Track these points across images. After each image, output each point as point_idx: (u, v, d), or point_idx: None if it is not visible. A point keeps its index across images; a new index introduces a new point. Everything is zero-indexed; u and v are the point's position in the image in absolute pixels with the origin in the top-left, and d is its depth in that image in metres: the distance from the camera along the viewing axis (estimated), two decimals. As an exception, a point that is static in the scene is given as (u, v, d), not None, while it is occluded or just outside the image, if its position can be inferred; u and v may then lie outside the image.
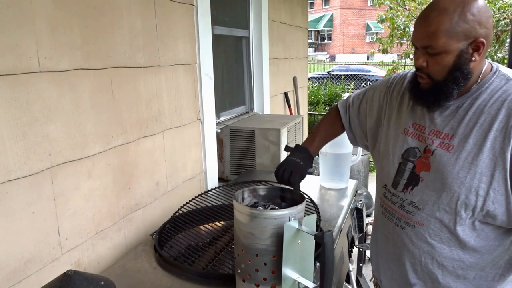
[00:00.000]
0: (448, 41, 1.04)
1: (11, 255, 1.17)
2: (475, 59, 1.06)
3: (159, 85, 1.78)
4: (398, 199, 1.23)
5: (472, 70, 1.08)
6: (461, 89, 1.09)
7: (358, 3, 32.74)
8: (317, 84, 7.91)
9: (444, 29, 1.03)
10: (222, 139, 2.49)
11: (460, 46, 1.04)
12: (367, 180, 4.50)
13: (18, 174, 1.17)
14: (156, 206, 1.81)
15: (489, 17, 1.04)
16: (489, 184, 1.05)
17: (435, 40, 1.05)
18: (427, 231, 1.17)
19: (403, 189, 1.22)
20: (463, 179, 1.08)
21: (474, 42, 1.04)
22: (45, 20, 1.23)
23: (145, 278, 1.27)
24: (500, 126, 1.04)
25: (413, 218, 1.20)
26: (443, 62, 1.07)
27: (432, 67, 1.10)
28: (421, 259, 1.21)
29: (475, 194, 1.07)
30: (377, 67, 16.49)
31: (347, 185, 2.08)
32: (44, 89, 1.24)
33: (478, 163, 1.06)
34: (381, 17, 7.31)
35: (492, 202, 1.06)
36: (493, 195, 1.05)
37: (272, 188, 1.16)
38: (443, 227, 1.14)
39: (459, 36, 1.03)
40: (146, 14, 1.68)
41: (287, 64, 3.67)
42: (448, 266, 1.18)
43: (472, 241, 1.13)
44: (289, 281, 0.99)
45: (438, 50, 1.06)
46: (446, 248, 1.16)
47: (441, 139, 1.13)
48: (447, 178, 1.10)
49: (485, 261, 1.15)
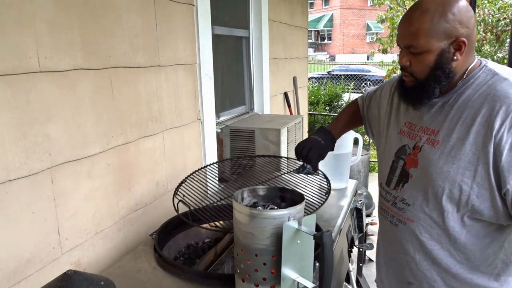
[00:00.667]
0: (429, 41, 1.06)
1: (11, 255, 1.17)
2: (457, 58, 1.07)
3: (159, 85, 1.78)
4: (391, 197, 1.26)
5: (455, 68, 1.09)
6: (444, 88, 1.11)
7: (358, 3, 32.73)
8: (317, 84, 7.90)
9: (425, 29, 1.05)
10: (222, 139, 2.49)
11: (441, 46, 1.06)
12: (367, 180, 4.50)
13: (18, 174, 1.17)
14: (156, 206, 1.81)
15: (470, 17, 1.06)
16: (473, 178, 1.05)
17: (417, 39, 1.07)
18: (418, 227, 1.18)
19: (395, 186, 1.25)
20: (446, 174, 1.09)
21: (455, 42, 1.05)
22: (45, 20, 1.23)
23: (145, 278, 1.27)
24: (483, 120, 1.03)
25: (404, 214, 1.21)
26: (425, 61, 1.09)
27: (414, 66, 1.12)
28: (415, 257, 1.21)
29: (459, 188, 1.07)
30: (377, 67, 16.49)
31: (347, 185, 2.08)
32: (44, 89, 1.24)
33: (461, 157, 1.06)
34: (381, 17, 7.32)
35: (476, 196, 1.06)
36: (477, 190, 1.05)
37: (271, 188, 1.16)
38: (432, 223, 1.15)
39: (440, 36, 1.05)
40: (146, 14, 1.68)
41: (287, 64, 3.67)
42: (441, 264, 1.17)
43: (462, 238, 1.13)
44: (288, 281, 0.99)
45: (420, 50, 1.08)
46: (437, 244, 1.16)
47: (428, 135, 1.15)
48: (432, 173, 1.12)
49: (477, 259, 1.14)
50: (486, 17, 6.33)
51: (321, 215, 1.71)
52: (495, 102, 1.03)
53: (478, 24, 6.22)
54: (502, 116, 1.00)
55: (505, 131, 0.99)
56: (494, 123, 1.01)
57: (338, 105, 6.85)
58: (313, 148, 1.43)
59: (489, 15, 6.42)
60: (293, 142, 2.62)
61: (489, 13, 6.44)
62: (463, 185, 1.06)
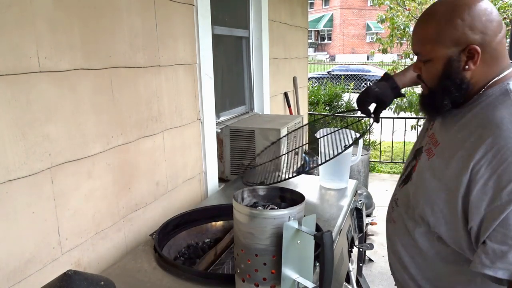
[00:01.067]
0: (434, 48, 1.00)
1: (11, 255, 1.17)
2: (469, 68, 0.98)
3: (159, 85, 1.78)
4: (394, 193, 1.27)
5: (471, 79, 0.99)
6: (457, 99, 1.02)
7: (358, 3, 32.74)
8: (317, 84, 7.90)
9: (429, 35, 1.00)
10: (222, 139, 2.49)
11: (448, 53, 0.98)
12: (367, 180, 4.50)
13: (18, 174, 1.17)
14: (156, 206, 1.81)
15: (488, 22, 0.95)
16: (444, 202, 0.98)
17: (423, 46, 1.03)
18: (398, 230, 1.18)
19: (400, 184, 1.24)
20: (425, 189, 1.04)
21: (466, 49, 0.96)
22: (45, 20, 1.23)
23: (145, 278, 1.27)
24: (469, 145, 0.94)
25: (392, 213, 1.22)
26: (432, 69, 1.03)
27: (424, 74, 1.07)
28: (394, 257, 1.21)
29: (431, 208, 1.02)
30: (377, 67, 16.49)
31: (347, 185, 2.08)
32: (44, 89, 1.24)
33: (441, 178, 0.99)
34: (381, 17, 7.32)
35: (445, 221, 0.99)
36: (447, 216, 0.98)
37: (271, 188, 1.16)
38: (406, 231, 1.13)
39: (446, 43, 0.98)
40: (146, 14, 1.68)
41: (287, 64, 3.67)
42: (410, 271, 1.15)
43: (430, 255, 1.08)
44: (288, 281, 0.99)
45: (426, 57, 1.03)
46: (409, 251, 1.14)
47: (432, 144, 1.10)
48: (417, 184, 1.10)
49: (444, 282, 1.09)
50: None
51: (321, 215, 1.71)
52: (485, 130, 0.93)
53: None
54: (486, 147, 0.90)
55: (484, 164, 0.89)
56: (476, 153, 0.91)
57: (338, 105, 6.84)
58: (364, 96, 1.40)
59: (489, 15, 6.40)
60: (293, 142, 2.62)
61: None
62: (434, 207, 1.01)
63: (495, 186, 0.88)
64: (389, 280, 2.96)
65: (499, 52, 0.98)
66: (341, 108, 6.80)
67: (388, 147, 6.49)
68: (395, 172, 5.79)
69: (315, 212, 1.73)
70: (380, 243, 3.45)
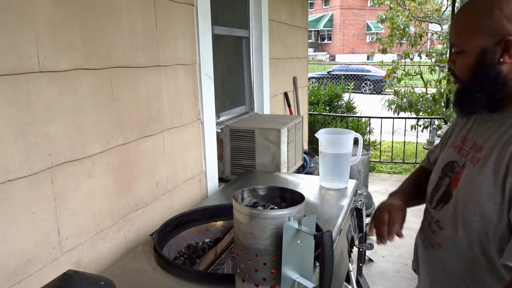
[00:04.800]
0: (468, 38, 0.95)
1: (11, 255, 1.17)
2: (504, 61, 0.92)
3: (159, 85, 1.78)
4: (429, 216, 1.13)
5: (505, 74, 0.94)
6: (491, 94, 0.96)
7: (358, 3, 32.72)
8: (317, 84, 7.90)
9: (465, 26, 0.96)
10: (222, 139, 2.49)
11: (482, 44, 0.93)
12: (367, 180, 4.50)
13: (18, 174, 1.17)
14: (156, 206, 1.81)
15: None
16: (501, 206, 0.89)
17: (458, 37, 0.98)
18: (444, 256, 1.05)
19: (435, 205, 1.11)
20: (477, 198, 0.94)
21: (502, 41, 0.91)
22: (45, 20, 1.23)
23: (145, 278, 1.27)
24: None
25: (435, 238, 1.09)
26: (464, 61, 0.98)
27: (457, 67, 1.02)
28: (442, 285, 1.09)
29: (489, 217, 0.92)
30: (377, 67, 16.49)
31: (347, 185, 2.08)
32: (44, 89, 1.24)
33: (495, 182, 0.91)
34: (381, 17, 7.32)
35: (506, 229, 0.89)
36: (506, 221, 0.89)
37: (271, 188, 1.16)
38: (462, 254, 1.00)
39: (481, 33, 0.93)
40: (146, 14, 1.68)
41: (287, 64, 3.67)
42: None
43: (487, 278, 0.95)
44: (288, 281, 0.99)
45: (460, 48, 0.99)
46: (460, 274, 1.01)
47: (475, 152, 1.00)
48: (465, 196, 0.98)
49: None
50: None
51: (321, 215, 1.71)
52: None
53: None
54: None
55: None
56: None
57: (338, 105, 6.84)
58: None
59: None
60: (293, 142, 2.63)
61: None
62: (492, 214, 0.91)
63: None
64: (389, 280, 2.96)
65: None
66: (341, 108, 6.80)
67: (388, 147, 6.49)
68: (395, 172, 5.79)
69: (315, 212, 1.73)
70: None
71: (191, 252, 1.54)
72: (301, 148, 2.88)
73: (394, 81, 7.37)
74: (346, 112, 6.78)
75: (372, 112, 7.07)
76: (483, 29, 0.93)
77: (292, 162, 2.63)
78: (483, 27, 0.93)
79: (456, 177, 1.04)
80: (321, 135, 2.01)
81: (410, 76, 7.50)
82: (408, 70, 7.64)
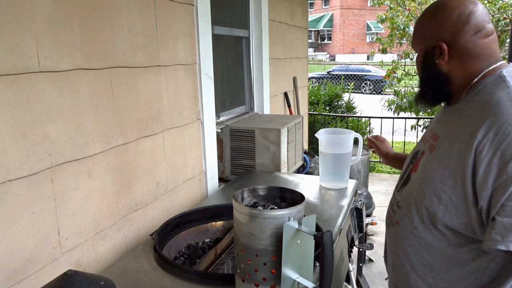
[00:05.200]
0: (417, 44, 1.16)
1: (11, 255, 1.17)
2: (439, 63, 1.10)
3: (159, 85, 1.78)
4: (393, 199, 1.27)
5: (447, 72, 1.10)
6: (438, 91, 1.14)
7: (358, 3, 32.73)
8: (317, 84, 7.89)
9: (415, 30, 1.16)
10: (222, 139, 2.49)
11: (424, 48, 1.13)
12: (367, 180, 4.50)
13: (18, 174, 1.17)
14: (156, 206, 1.81)
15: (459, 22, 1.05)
16: (453, 188, 1.00)
17: (412, 43, 1.19)
18: (401, 231, 1.17)
19: (398, 189, 1.25)
20: (431, 180, 1.06)
21: (436, 46, 1.09)
22: (45, 20, 1.23)
23: (145, 278, 1.27)
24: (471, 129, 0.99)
25: (394, 216, 1.22)
26: (417, 61, 1.18)
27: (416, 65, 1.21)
28: (397, 260, 1.21)
29: (438, 197, 1.03)
30: (377, 67, 16.49)
31: (347, 185, 2.08)
32: (44, 89, 1.24)
33: (447, 166, 1.02)
34: (381, 17, 7.32)
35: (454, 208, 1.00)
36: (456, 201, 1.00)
37: (271, 188, 1.16)
38: (413, 229, 1.13)
39: (423, 39, 1.13)
40: (146, 14, 1.68)
41: (287, 64, 3.67)
42: (418, 271, 1.14)
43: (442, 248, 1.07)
44: (288, 281, 0.99)
45: (415, 51, 1.19)
46: (416, 250, 1.13)
47: (433, 140, 1.14)
48: (421, 178, 1.11)
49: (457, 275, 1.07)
50: (486, 17, 6.30)
51: (321, 215, 1.71)
52: (485, 111, 0.98)
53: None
54: (487, 126, 0.95)
55: (487, 143, 0.94)
56: (478, 133, 0.95)
57: (338, 105, 6.84)
58: None
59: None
60: (293, 142, 2.63)
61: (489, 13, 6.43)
62: (442, 195, 1.02)
63: (500, 162, 0.91)
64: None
65: (475, 50, 1.06)
66: (341, 108, 6.80)
67: (388, 147, 6.47)
68: (395, 172, 5.79)
69: (315, 212, 1.73)
70: (380, 243, 3.45)
71: (191, 252, 1.54)
72: (301, 148, 2.88)
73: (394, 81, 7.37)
74: (346, 112, 6.78)
75: (372, 112, 7.06)
76: (424, 36, 1.14)
77: (292, 162, 2.63)
78: (424, 33, 1.14)
79: (416, 162, 1.18)
80: (321, 135, 2.01)
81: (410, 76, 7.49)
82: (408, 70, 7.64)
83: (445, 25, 1.07)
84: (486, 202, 0.93)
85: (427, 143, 1.17)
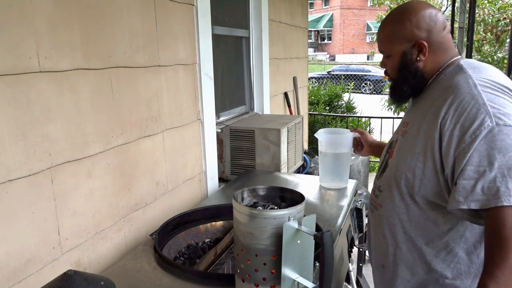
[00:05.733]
0: (391, 46, 1.23)
1: (11, 255, 1.17)
2: (420, 59, 1.20)
3: (159, 85, 1.78)
4: (374, 186, 1.36)
5: (424, 68, 1.21)
6: (416, 86, 1.23)
7: (358, 3, 32.73)
8: (317, 84, 7.89)
9: (387, 36, 1.24)
10: (222, 139, 2.49)
11: (402, 49, 1.21)
12: (367, 180, 4.50)
13: (18, 174, 1.17)
14: (156, 206, 1.81)
15: (432, 21, 1.17)
16: (424, 163, 1.11)
17: (382, 45, 1.26)
18: (385, 211, 1.25)
19: (378, 176, 1.34)
20: (405, 160, 1.17)
21: (416, 44, 1.18)
22: (45, 20, 1.23)
23: (145, 278, 1.27)
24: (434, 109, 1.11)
25: (377, 200, 1.30)
26: (392, 63, 1.25)
27: (388, 68, 1.29)
28: (384, 240, 1.26)
29: (412, 173, 1.14)
30: (377, 67, 16.48)
31: (347, 185, 2.08)
32: (44, 89, 1.24)
33: (417, 144, 1.14)
34: (381, 17, 7.32)
35: (428, 181, 1.11)
36: (428, 174, 1.11)
37: (271, 188, 1.16)
38: (395, 207, 1.21)
39: (399, 40, 1.20)
40: (146, 14, 1.68)
41: (287, 64, 3.67)
42: (402, 247, 1.22)
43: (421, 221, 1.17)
44: (288, 281, 0.99)
45: (387, 54, 1.26)
46: (400, 229, 1.21)
47: (403, 128, 1.25)
48: (397, 160, 1.21)
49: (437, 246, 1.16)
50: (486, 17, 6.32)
51: (321, 215, 1.71)
52: (447, 93, 1.10)
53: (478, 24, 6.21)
54: (449, 104, 1.07)
55: (448, 117, 1.06)
56: (441, 111, 1.08)
57: (338, 105, 6.84)
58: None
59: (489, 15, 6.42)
60: (293, 142, 2.63)
61: (489, 13, 6.43)
62: (416, 170, 1.13)
63: (459, 134, 1.03)
64: (389, 280, 2.95)
65: (444, 44, 1.20)
66: (341, 108, 6.80)
67: (388, 147, 6.47)
68: (395, 172, 5.78)
69: (315, 212, 1.73)
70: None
71: (191, 252, 1.54)
72: (301, 148, 2.88)
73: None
74: (346, 112, 6.78)
75: (372, 112, 7.06)
76: (400, 37, 1.20)
77: (292, 162, 2.63)
78: (399, 35, 1.20)
79: (392, 150, 1.28)
80: (320, 135, 2.00)
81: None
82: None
83: (420, 25, 1.18)
84: (450, 169, 1.05)
85: (400, 132, 1.27)
